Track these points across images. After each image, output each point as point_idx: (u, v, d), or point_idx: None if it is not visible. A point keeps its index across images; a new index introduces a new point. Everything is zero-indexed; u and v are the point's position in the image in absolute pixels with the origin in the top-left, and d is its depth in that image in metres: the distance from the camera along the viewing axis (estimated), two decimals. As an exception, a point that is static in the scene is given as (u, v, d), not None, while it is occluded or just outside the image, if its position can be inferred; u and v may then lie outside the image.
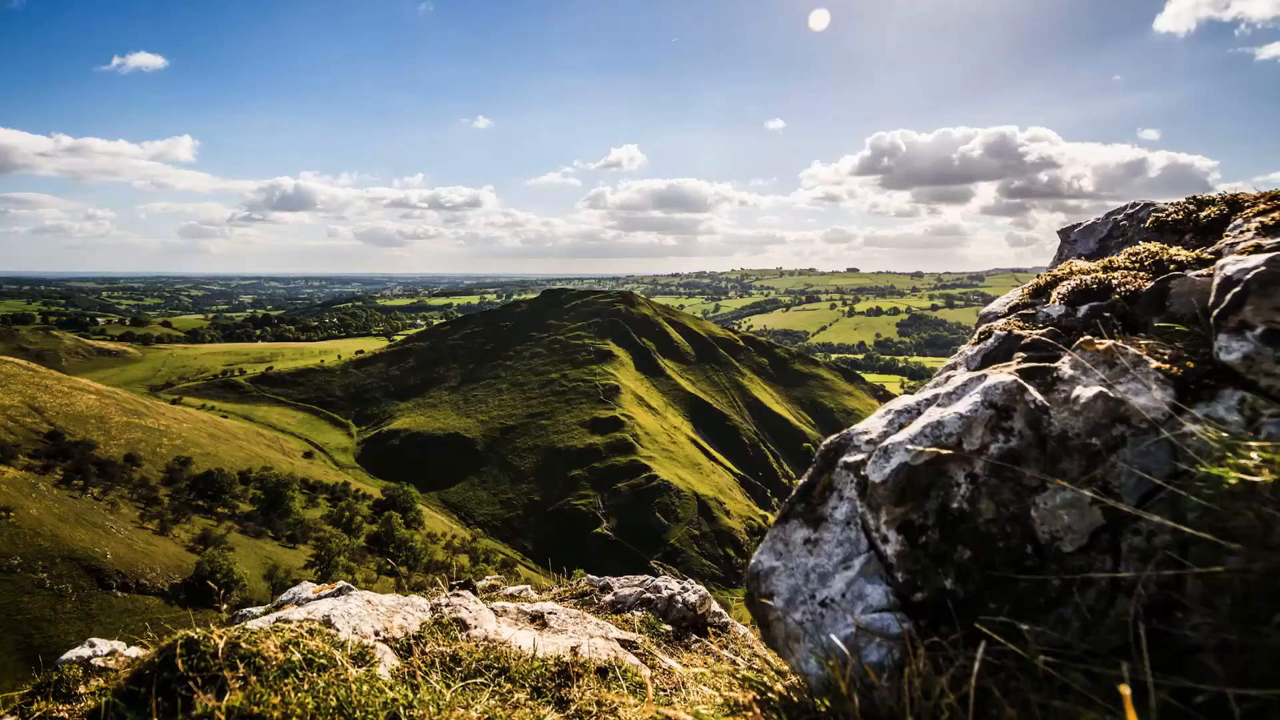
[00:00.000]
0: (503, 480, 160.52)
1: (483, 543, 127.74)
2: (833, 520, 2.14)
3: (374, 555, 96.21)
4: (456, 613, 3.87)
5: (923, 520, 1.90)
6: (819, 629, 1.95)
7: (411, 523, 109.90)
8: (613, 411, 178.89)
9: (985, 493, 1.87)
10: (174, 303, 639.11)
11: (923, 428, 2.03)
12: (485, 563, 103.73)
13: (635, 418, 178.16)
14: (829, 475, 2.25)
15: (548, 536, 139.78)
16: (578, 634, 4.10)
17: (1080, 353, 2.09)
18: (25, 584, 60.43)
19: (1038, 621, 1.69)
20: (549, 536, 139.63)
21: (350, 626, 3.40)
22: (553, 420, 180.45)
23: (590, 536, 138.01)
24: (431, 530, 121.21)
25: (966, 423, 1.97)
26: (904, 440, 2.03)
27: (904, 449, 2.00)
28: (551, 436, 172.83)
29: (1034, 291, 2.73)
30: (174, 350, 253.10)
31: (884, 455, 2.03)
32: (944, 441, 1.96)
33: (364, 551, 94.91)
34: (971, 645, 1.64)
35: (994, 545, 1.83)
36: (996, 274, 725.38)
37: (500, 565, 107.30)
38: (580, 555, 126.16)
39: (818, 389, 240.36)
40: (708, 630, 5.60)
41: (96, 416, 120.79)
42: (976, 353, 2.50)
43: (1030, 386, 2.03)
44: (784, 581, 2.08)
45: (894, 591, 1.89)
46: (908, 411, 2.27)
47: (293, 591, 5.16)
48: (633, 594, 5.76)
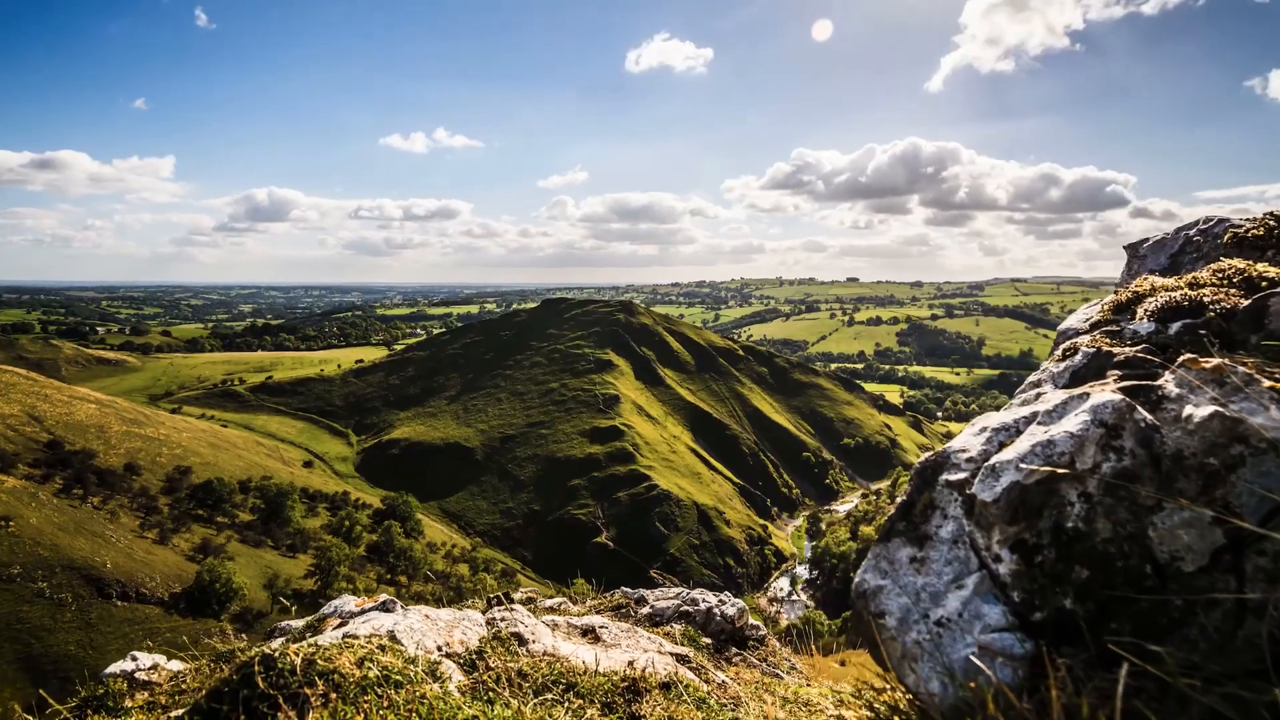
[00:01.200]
0: (502, 490, 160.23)
1: (482, 552, 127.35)
2: (938, 539, 2.14)
3: (374, 565, 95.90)
4: (513, 627, 3.86)
5: (1036, 540, 1.90)
6: (938, 649, 1.95)
7: (411, 532, 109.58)
8: (613, 421, 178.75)
9: (1101, 512, 1.87)
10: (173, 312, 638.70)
11: (1032, 446, 2.03)
12: (485, 572, 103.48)
13: (635, 427, 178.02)
14: (929, 494, 2.24)
15: (547, 546, 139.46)
16: (631, 648, 4.08)
17: (1185, 371, 2.09)
18: (25, 593, 60.16)
19: (1163, 642, 1.62)
20: (549, 546, 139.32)
21: (414, 641, 3.38)
22: (552, 429, 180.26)
23: (590, 546, 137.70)
24: (431, 540, 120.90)
25: (1078, 441, 1.97)
26: (1013, 459, 2.03)
27: (1014, 468, 2.00)
28: (551, 446, 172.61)
29: (1115, 308, 2.73)
30: (173, 359, 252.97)
31: (992, 474, 2.03)
32: (1056, 460, 1.96)
33: (364, 561, 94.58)
34: (1100, 666, 1.70)
35: (1112, 565, 1.80)
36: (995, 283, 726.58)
37: (500, 575, 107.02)
38: (580, 564, 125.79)
39: (818, 398, 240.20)
40: (747, 643, 5.58)
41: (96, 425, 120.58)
42: (1064, 370, 2.50)
43: (1137, 405, 2.03)
44: (894, 600, 2.08)
45: (1011, 611, 1.89)
46: (1005, 430, 2.27)
47: (335, 604, 5.15)
48: (670, 607, 5.74)
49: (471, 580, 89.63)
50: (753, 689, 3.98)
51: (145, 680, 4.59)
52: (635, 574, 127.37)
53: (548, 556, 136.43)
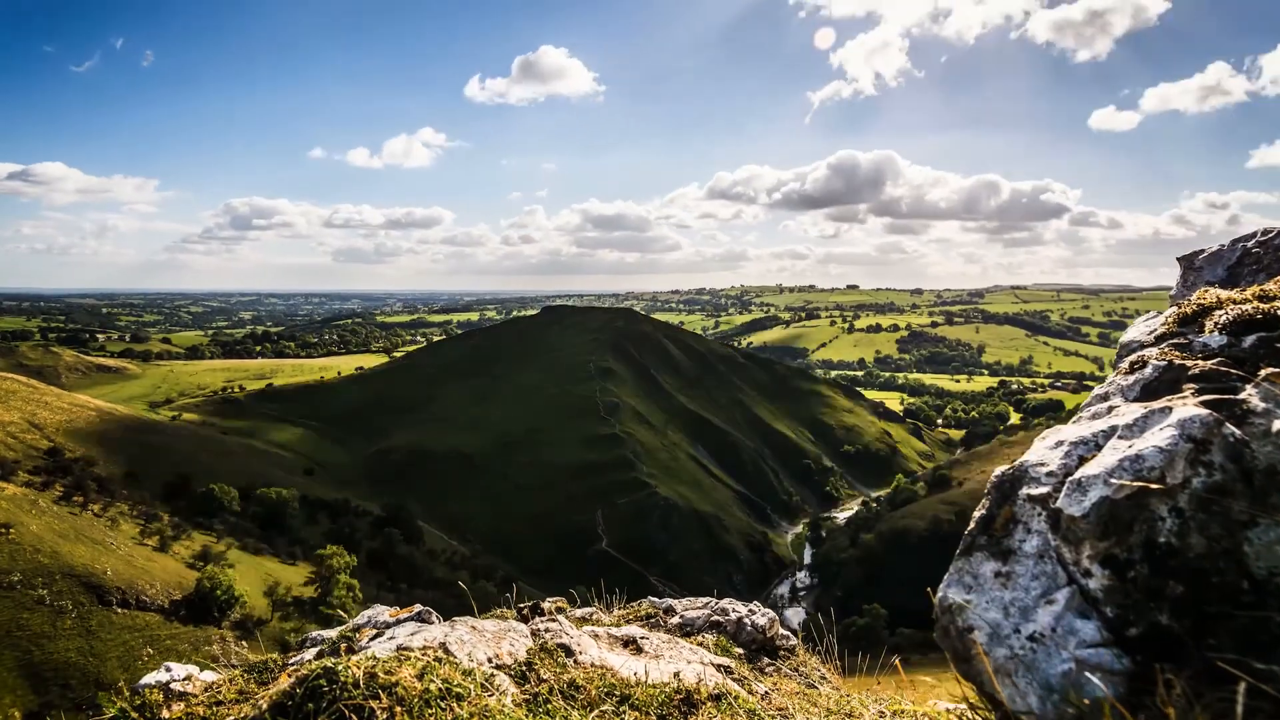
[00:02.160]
0: (503, 497, 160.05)
1: (483, 559, 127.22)
2: (1022, 553, 2.14)
3: (374, 572, 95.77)
4: (558, 638, 3.85)
5: (1128, 554, 1.90)
6: (1034, 664, 1.94)
7: (411, 539, 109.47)
8: (613, 428, 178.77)
9: (1193, 527, 1.86)
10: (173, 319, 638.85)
11: (1119, 461, 2.02)
12: (485, 579, 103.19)
13: (635, 434, 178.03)
14: (1009, 508, 2.24)
15: (548, 553, 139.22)
16: (675, 659, 4.08)
17: (1270, 385, 2.09)
18: (25, 600, 60.03)
19: (1266, 659, 1.63)
20: (549, 553, 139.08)
21: (466, 653, 3.37)
22: (553, 436, 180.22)
23: (590, 552, 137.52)
24: (431, 546, 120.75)
25: (1168, 456, 1.97)
26: (1100, 474, 2.03)
27: (1102, 483, 2.00)
28: (552, 453, 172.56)
29: (1180, 320, 2.73)
30: (174, 366, 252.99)
31: (1079, 489, 2.03)
32: (1145, 475, 1.96)
33: (364, 568, 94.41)
34: (1206, 682, 1.70)
35: (1207, 580, 1.80)
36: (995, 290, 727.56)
37: (500, 581, 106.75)
38: (580, 572, 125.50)
39: (818, 405, 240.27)
40: (778, 653, 5.56)
41: (96, 433, 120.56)
42: (1134, 383, 2.50)
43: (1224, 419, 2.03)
44: (983, 616, 2.08)
45: (1105, 626, 1.89)
46: (1084, 444, 2.26)
47: (368, 615, 5.11)
48: (701, 617, 5.72)
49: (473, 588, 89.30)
50: (797, 700, 3.97)
51: (181, 691, 4.56)
52: (636, 581, 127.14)
53: (548, 563, 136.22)
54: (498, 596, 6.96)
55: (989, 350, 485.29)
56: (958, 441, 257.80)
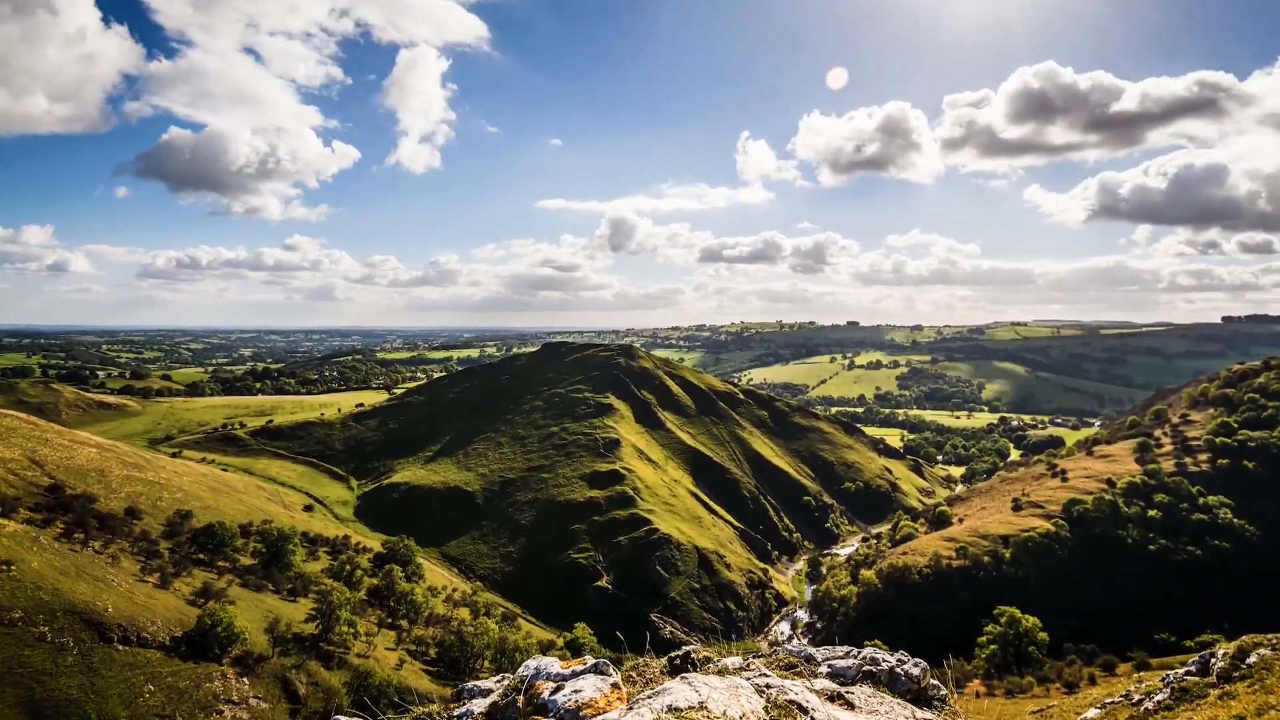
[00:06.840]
0: (503, 534, 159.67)
1: (483, 596, 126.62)
2: None
3: (375, 608, 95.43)
4: (785, 694, 4.33)
5: None
6: None
7: (412, 576, 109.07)
8: (613, 465, 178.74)
9: None
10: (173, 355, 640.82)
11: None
12: (486, 616, 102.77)
13: (635, 471, 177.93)
14: None
15: (548, 590, 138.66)
16: (891, 715, 4.52)
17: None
18: (26, 638, 59.96)
19: None
20: (549, 590, 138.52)
21: (721, 711, 3.84)
22: (553, 474, 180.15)
23: (590, 590, 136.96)
24: (432, 584, 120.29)
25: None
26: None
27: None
28: (551, 490, 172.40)
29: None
30: (174, 403, 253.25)
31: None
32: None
33: (365, 605, 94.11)
34: None
35: None
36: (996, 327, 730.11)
37: (501, 619, 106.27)
38: (580, 609, 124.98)
39: (818, 442, 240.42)
40: (931, 703, 5.84)
41: (97, 470, 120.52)
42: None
43: None
44: None
45: None
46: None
47: (534, 665, 5.28)
48: (851, 666, 5.91)
49: (472, 625, 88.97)
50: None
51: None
52: (635, 618, 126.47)
53: (548, 600, 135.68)
54: (500, 633, 6.94)
55: (989, 387, 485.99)
56: (958, 478, 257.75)
